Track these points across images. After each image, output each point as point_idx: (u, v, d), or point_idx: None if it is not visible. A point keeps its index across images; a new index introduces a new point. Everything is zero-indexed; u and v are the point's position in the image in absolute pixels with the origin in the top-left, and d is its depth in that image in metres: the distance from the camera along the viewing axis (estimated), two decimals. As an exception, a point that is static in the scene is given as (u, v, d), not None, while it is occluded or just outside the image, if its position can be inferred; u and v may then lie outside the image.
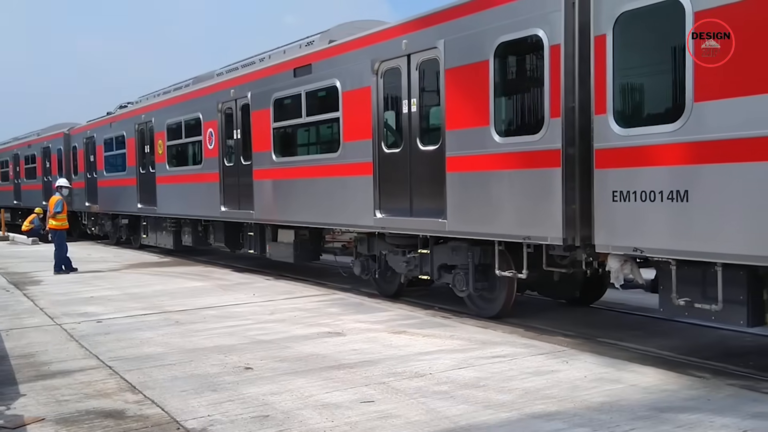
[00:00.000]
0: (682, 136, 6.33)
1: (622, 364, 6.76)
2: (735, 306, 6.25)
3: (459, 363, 6.79)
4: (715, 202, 6.13)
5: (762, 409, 5.31)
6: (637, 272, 7.26)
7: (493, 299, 9.53)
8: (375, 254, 11.23)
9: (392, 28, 10.28)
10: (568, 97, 7.63)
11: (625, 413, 5.24)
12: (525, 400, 5.59)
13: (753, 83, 5.77)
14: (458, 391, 5.89)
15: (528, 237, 8.15)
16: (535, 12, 7.87)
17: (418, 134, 9.79)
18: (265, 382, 6.27)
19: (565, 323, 9.18)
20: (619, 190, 6.93)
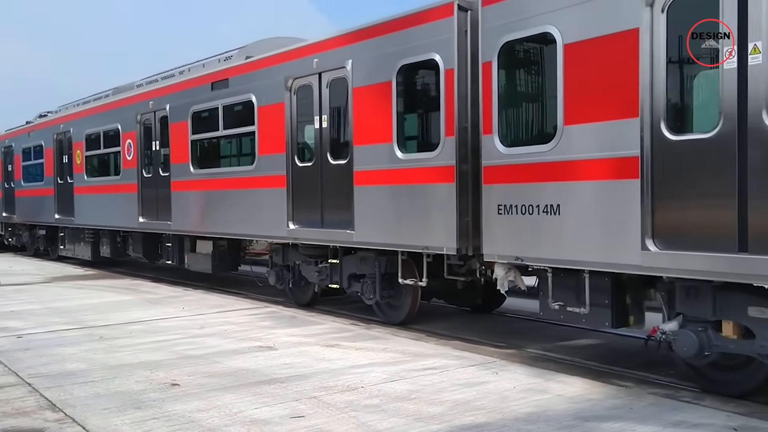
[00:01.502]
0: (554, 155, 7.00)
1: (549, 374, 6.90)
2: (601, 309, 6.92)
3: (391, 376, 6.80)
4: (581, 216, 6.80)
5: (682, 417, 5.46)
6: (520, 279, 7.88)
7: (399, 306, 10.05)
8: (289, 264, 11.60)
9: (305, 47, 10.73)
10: (461, 117, 8.24)
11: (552, 423, 5.34)
12: (455, 412, 5.63)
13: (601, 111, 6.49)
14: (390, 404, 5.88)
15: (427, 247, 8.71)
16: (432, 38, 8.47)
17: (329, 149, 10.25)
18: (192, 399, 6.11)
19: (465, 328, 9.75)
20: (504, 204, 7.55)
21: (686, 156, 6.00)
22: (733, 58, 5.60)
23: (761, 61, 5.44)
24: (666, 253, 6.13)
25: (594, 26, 6.59)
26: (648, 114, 6.18)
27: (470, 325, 10.10)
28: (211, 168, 13.23)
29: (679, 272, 6.10)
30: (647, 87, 6.16)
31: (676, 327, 6.33)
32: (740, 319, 5.96)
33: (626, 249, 6.38)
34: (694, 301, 6.22)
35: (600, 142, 6.61)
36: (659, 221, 6.19)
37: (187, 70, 14.48)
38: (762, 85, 5.45)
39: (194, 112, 13.24)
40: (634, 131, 6.25)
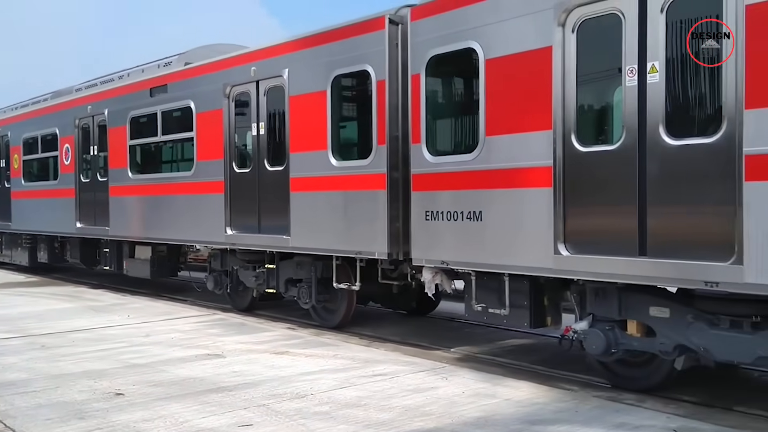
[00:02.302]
0: (477, 164, 7.37)
1: (498, 379, 6.98)
2: (520, 310, 7.30)
3: (341, 383, 6.79)
4: (501, 222, 7.18)
5: (625, 420, 5.60)
6: (447, 282, 8.23)
7: (335, 310, 10.29)
8: (227, 269, 11.72)
9: (243, 55, 10.90)
10: (392, 127, 8.56)
11: (500, 427, 5.41)
12: (405, 418, 5.65)
13: (519, 123, 6.90)
14: (339, 411, 5.87)
15: (359, 252, 8.98)
16: (365, 50, 8.77)
17: (266, 155, 10.44)
18: (136, 409, 6.01)
19: (416, 333, 9.96)
20: (431, 210, 7.88)
21: (594, 166, 6.42)
22: (634, 77, 6.05)
23: (658, 80, 5.90)
24: (576, 257, 6.54)
25: (512, 43, 6.98)
26: (560, 127, 6.59)
27: (421, 331, 10.27)
28: (149, 173, 13.25)
29: (588, 275, 6.52)
30: (559, 101, 6.57)
31: (587, 326, 6.75)
32: (643, 318, 6.41)
33: (541, 253, 6.77)
34: (603, 302, 6.65)
35: (518, 152, 6.99)
36: (570, 227, 6.60)
37: (127, 75, 14.45)
38: (659, 101, 5.91)
39: (133, 117, 13.23)
40: (547, 143, 6.66)
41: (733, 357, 5.83)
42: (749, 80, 5.28)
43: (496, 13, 7.13)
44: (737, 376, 7.42)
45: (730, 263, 5.43)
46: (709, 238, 5.62)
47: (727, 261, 5.46)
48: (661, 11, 5.86)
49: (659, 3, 5.87)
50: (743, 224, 5.33)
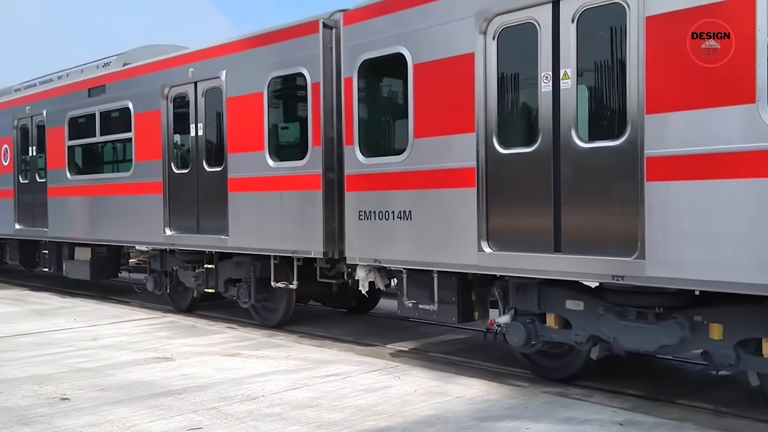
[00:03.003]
0: (406, 166, 7.63)
1: (450, 377, 7.05)
2: (448, 306, 7.59)
3: (293, 384, 6.77)
4: (429, 221, 7.45)
5: (572, 414, 5.73)
6: (380, 280, 8.47)
7: (275, 309, 10.43)
8: (167, 270, 11.75)
9: (181, 56, 10.96)
10: (327, 128, 8.76)
11: (451, 425, 5.48)
12: (357, 418, 5.67)
13: (445, 126, 7.19)
14: (291, 412, 5.85)
15: (296, 251, 9.16)
16: (300, 53, 8.95)
17: (204, 156, 10.52)
18: (83, 413, 5.90)
19: (369, 332, 10.04)
20: (364, 210, 8.11)
21: (513, 167, 6.75)
22: (548, 83, 6.39)
23: (570, 86, 6.25)
24: (498, 253, 6.86)
25: (438, 49, 7.26)
26: (483, 129, 6.90)
27: (374, 330, 10.33)
28: (88, 174, 13.17)
29: (508, 271, 6.84)
30: (482, 105, 6.88)
31: (509, 320, 7.07)
32: (560, 311, 6.76)
33: (466, 251, 7.07)
34: (524, 297, 6.99)
35: (444, 154, 7.27)
36: (492, 225, 6.92)
37: (66, 75, 14.29)
38: (571, 106, 6.26)
39: (71, 117, 13.12)
40: (471, 145, 6.95)
41: (639, 346, 6.22)
42: (649, 87, 5.66)
43: (423, 20, 7.40)
44: (679, 370, 7.71)
45: (634, 258, 5.81)
46: (616, 234, 5.99)
47: (631, 256, 5.84)
48: (572, 21, 6.21)
49: (570, 13, 6.22)
50: (645, 222, 5.71)
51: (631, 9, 5.79)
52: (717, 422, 5.66)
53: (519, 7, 6.56)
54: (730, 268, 5.27)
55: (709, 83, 5.35)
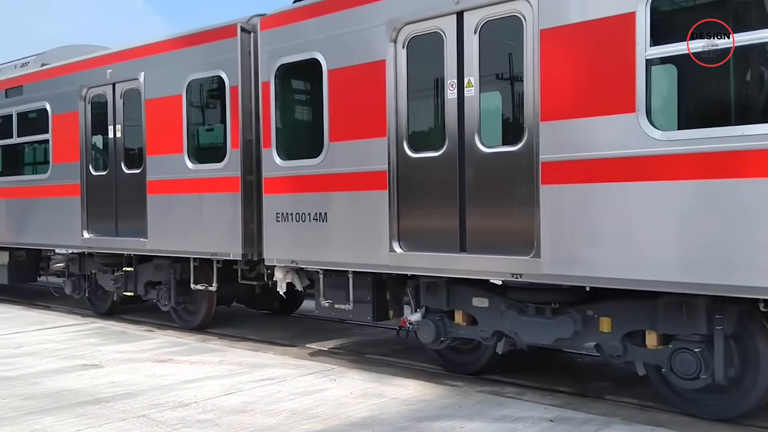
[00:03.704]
0: (321, 169, 7.81)
1: (386, 378, 7.08)
2: (363, 305, 7.81)
3: (227, 389, 6.68)
4: (344, 223, 7.65)
5: (505, 412, 5.85)
6: (298, 281, 8.61)
7: (196, 312, 10.44)
8: (86, 273, 11.58)
9: (99, 57, 10.84)
10: (246, 131, 8.85)
11: (386, 426, 5.49)
12: (292, 422, 5.63)
13: (358, 130, 7.41)
14: (224, 418, 5.77)
15: (215, 253, 9.21)
16: (218, 56, 9.02)
17: (122, 158, 10.44)
18: (5, 424, 5.73)
19: (303, 336, 9.97)
20: (281, 212, 8.25)
21: (423, 171, 7.02)
22: (454, 90, 6.69)
23: (473, 93, 6.56)
24: (408, 254, 7.12)
25: (351, 56, 7.48)
26: (394, 134, 7.14)
27: (309, 332, 10.34)
28: (3, 176, 12.81)
29: (418, 270, 7.11)
30: (393, 111, 7.13)
31: (420, 318, 7.34)
32: (467, 308, 7.07)
33: (379, 251, 7.30)
34: (434, 295, 7.26)
35: (358, 157, 7.49)
36: (403, 226, 7.17)
37: (-20, 74, 13.86)
38: (474, 113, 6.58)
39: (-14, 118, 12.77)
40: (383, 149, 7.19)
41: (537, 340, 6.58)
42: (543, 96, 6.01)
43: (336, 27, 7.60)
44: (607, 366, 7.84)
45: (531, 257, 6.16)
46: (515, 235, 6.32)
47: (528, 255, 6.18)
48: (475, 32, 6.53)
49: (473, 24, 6.53)
50: (540, 223, 6.06)
51: (527, 22, 6.13)
52: (642, 416, 5.87)
53: (426, 17, 6.84)
54: (613, 266, 5.66)
55: (595, 93, 5.73)
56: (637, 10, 5.43)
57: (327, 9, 7.71)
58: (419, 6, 6.87)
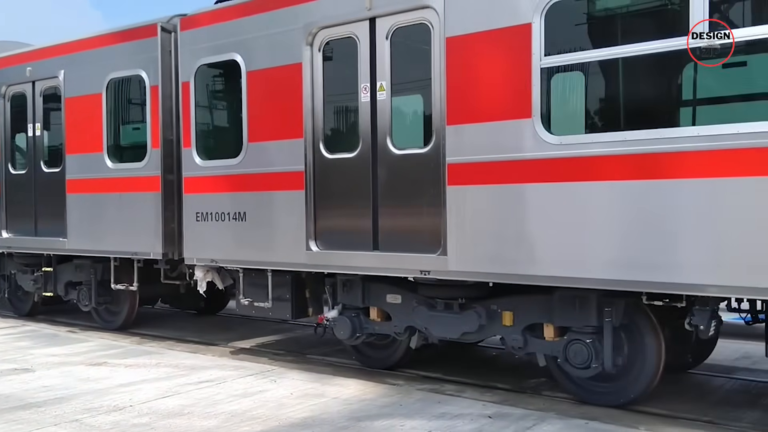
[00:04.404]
0: (240, 169, 7.93)
1: (327, 378, 7.08)
2: (282, 303, 7.95)
3: (164, 392, 6.57)
4: (263, 222, 7.78)
5: (445, 410, 5.92)
6: (218, 280, 8.70)
7: (118, 312, 10.37)
8: (5, 274, 11.34)
9: (19, 54, 10.65)
10: (166, 130, 8.87)
11: (326, 426, 5.49)
12: (230, 424, 5.56)
13: (276, 131, 7.57)
14: (160, 421, 5.68)
15: (136, 253, 9.19)
16: (139, 56, 9.01)
17: (42, 157, 10.29)
18: None
19: (242, 337, 9.92)
20: (201, 211, 8.32)
21: (338, 172, 7.22)
22: (367, 94, 6.91)
23: (385, 97, 6.81)
24: (324, 252, 7.31)
25: (269, 58, 7.61)
26: (310, 135, 7.32)
27: (248, 332, 10.28)
28: None
29: (334, 268, 7.31)
30: (309, 113, 7.30)
31: (337, 314, 7.54)
32: (381, 305, 7.30)
33: (297, 250, 7.46)
34: (350, 292, 7.47)
35: (276, 158, 7.63)
36: (320, 226, 7.36)
37: None
38: (386, 116, 6.82)
39: None
40: (300, 150, 7.36)
41: (446, 334, 6.87)
42: (449, 100, 6.29)
43: (255, 30, 7.73)
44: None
45: (438, 254, 6.43)
46: (424, 234, 6.59)
47: (436, 253, 6.46)
48: (386, 38, 6.77)
49: (385, 30, 6.78)
50: (447, 221, 6.34)
51: (435, 30, 6.41)
52: (577, 410, 6.03)
53: (341, 22, 7.04)
54: (513, 263, 5.99)
55: (495, 99, 6.05)
56: (533, 22, 5.77)
57: (246, 11, 7.83)
58: (334, 11, 7.07)
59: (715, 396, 6.79)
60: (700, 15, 5.04)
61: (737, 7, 5.34)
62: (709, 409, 6.23)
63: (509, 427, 5.46)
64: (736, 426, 5.69)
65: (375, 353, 7.83)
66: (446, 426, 5.49)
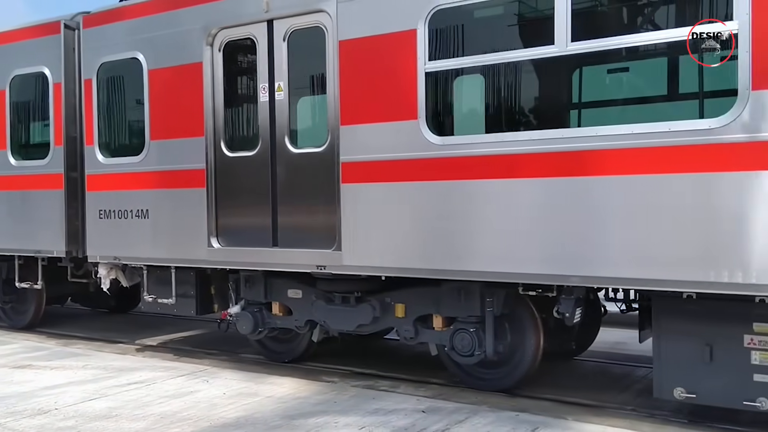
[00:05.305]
0: (143, 166, 7.98)
1: (261, 377, 7.01)
2: (186, 299, 8.04)
3: (91, 394, 6.43)
4: (165, 219, 7.85)
5: (379, 406, 5.94)
6: (123, 277, 8.71)
7: (24, 311, 10.22)
8: None
9: None
10: (69, 128, 8.82)
11: (259, 425, 5.44)
12: (160, 426, 5.48)
13: (179, 129, 7.67)
14: (87, 424, 5.57)
15: (39, 251, 9.10)
16: (42, 52, 8.93)
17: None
18: None
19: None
20: (104, 209, 8.32)
21: (239, 169, 7.37)
22: (266, 94, 7.09)
23: (283, 97, 7.00)
24: (226, 249, 7.45)
25: (170, 57, 7.69)
26: (211, 134, 7.45)
27: (180, 332, 10.14)
28: None
29: (235, 264, 7.47)
30: (210, 111, 7.42)
31: (239, 310, 7.69)
32: (283, 300, 7.50)
33: (199, 247, 7.57)
34: (252, 288, 7.64)
35: (177, 156, 7.71)
36: (221, 223, 7.49)
37: None
38: (284, 116, 7.02)
39: None
40: (201, 148, 7.47)
41: (343, 326, 7.13)
42: (343, 102, 6.54)
43: (157, 29, 7.79)
44: None
45: (333, 250, 6.68)
46: (321, 230, 6.82)
47: (331, 248, 6.70)
48: (284, 40, 6.97)
49: (282, 32, 6.97)
50: (341, 218, 6.60)
51: (329, 33, 6.65)
52: (508, 403, 6.16)
53: (240, 24, 7.20)
54: (402, 257, 6.30)
55: (385, 101, 6.33)
56: (418, 28, 6.08)
57: (148, 10, 7.88)
58: (233, 12, 7.22)
59: (599, 382, 7.26)
60: (563, 25, 5.44)
61: (597, 18, 5.79)
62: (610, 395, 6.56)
63: (442, 420, 5.54)
64: (659, 414, 5.92)
65: (279, 347, 8.02)
66: (380, 421, 5.52)
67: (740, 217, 4.87)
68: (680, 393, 5.43)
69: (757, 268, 4.81)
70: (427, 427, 5.39)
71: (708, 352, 5.29)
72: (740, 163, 4.87)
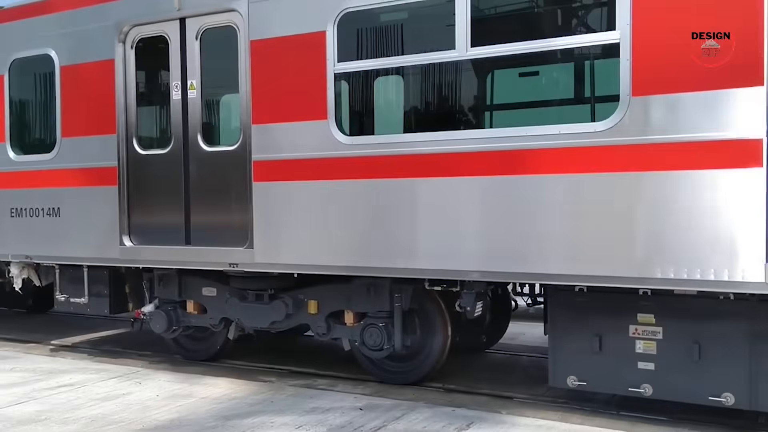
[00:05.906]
0: (54, 164, 7.86)
1: (195, 378, 6.95)
2: (100, 298, 7.96)
3: (18, 398, 6.30)
4: (77, 218, 7.75)
5: (317, 404, 5.97)
6: (36, 276, 8.55)
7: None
8: None
9: None
10: (-20, 124, 8.58)
11: (194, 426, 5.39)
12: (91, 429, 5.41)
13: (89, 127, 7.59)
14: (14, 428, 5.47)
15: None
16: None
17: None
18: None
19: (107, 341, 9.55)
20: (15, 207, 8.15)
21: (152, 168, 7.35)
22: (178, 92, 7.10)
23: (196, 95, 7.02)
24: (138, 247, 7.41)
25: (82, 54, 7.60)
26: (124, 131, 7.39)
27: (115, 336, 9.87)
28: None
29: (148, 263, 7.43)
30: (122, 109, 7.37)
31: (153, 309, 7.66)
32: (197, 298, 7.52)
33: (111, 245, 7.51)
34: (166, 286, 7.62)
35: (90, 153, 7.62)
36: (133, 221, 7.45)
37: None
38: (197, 114, 7.03)
39: None
40: (113, 146, 7.41)
41: (256, 323, 7.19)
42: (254, 101, 6.59)
43: (68, 25, 7.69)
44: None
45: (245, 248, 6.74)
46: (233, 228, 6.86)
47: (243, 246, 6.76)
48: (196, 38, 6.99)
49: (194, 30, 6.99)
50: (253, 216, 6.66)
51: (241, 32, 6.70)
52: (445, 399, 6.25)
53: (152, 21, 7.18)
54: (312, 254, 6.41)
55: (296, 101, 6.43)
56: (327, 30, 6.20)
57: (59, 6, 7.77)
58: (145, 10, 7.19)
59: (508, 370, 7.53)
60: (464, 32, 5.66)
61: (495, 25, 6.04)
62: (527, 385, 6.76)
63: (379, 417, 5.59)
64: (589, 406, 6.04)
65: (195, 345, 8.02)
66: (317, 420, 5.54)
67: (624, 215, 5.17)
68: (573, 381, 5.72)
69: (639, 262, 5.13)
70: (364, 424, 5.45)
71: (597, 342, 5.59)
72: (625, 164, 5.16)
